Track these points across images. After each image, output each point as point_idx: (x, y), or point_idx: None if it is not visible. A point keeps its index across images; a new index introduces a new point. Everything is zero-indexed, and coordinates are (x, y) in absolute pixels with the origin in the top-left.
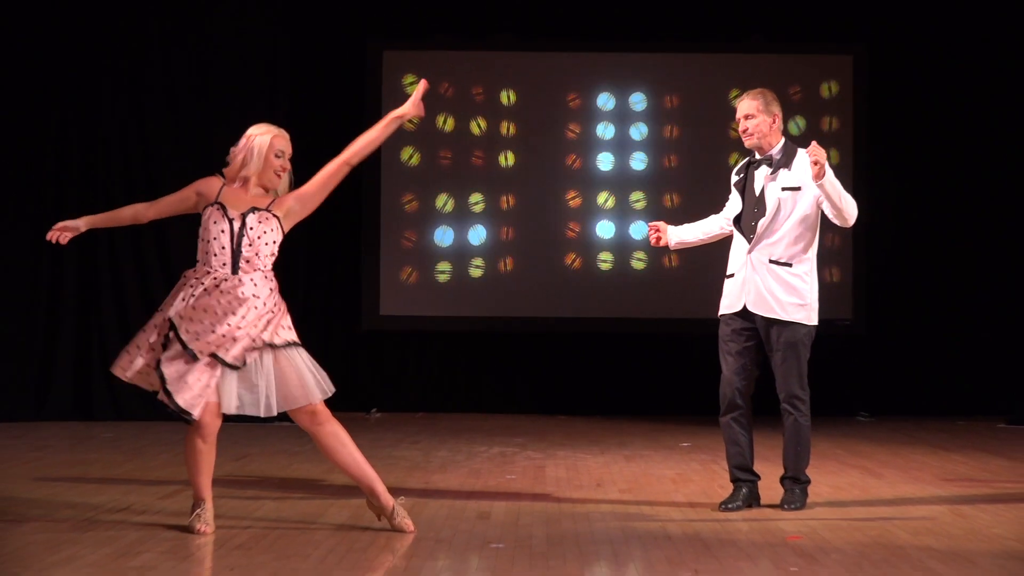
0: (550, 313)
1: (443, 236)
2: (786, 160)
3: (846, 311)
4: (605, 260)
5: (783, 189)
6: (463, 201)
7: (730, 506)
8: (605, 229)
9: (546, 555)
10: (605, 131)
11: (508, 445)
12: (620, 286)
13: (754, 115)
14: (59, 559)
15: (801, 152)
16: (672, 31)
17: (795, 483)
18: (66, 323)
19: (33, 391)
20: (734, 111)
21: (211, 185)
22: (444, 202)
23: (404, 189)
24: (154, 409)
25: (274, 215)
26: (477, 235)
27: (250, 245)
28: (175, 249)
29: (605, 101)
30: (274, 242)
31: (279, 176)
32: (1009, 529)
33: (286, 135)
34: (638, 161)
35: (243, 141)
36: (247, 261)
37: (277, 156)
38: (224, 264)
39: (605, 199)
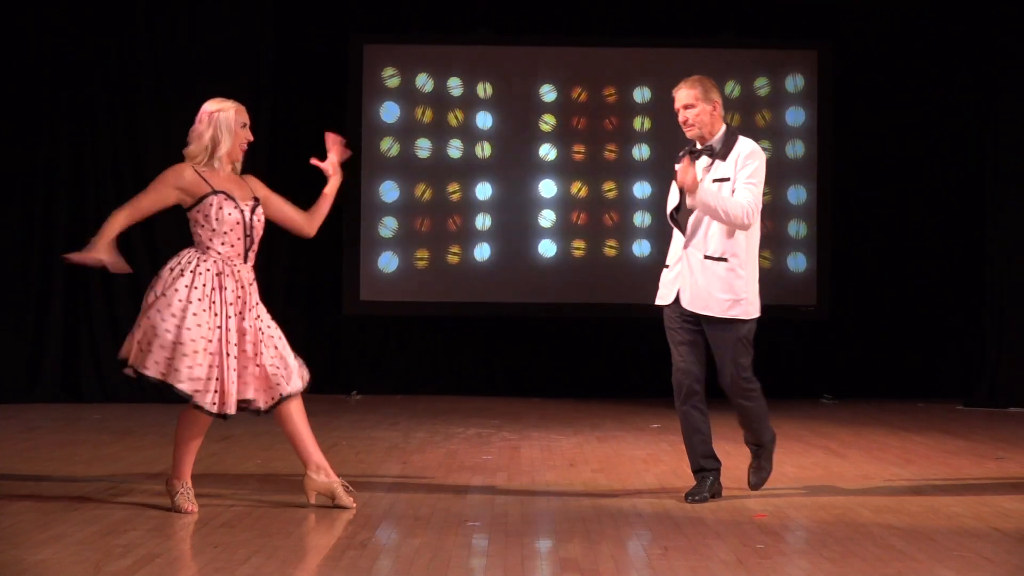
0: (525, 299)
1: (421, 224)
2: (725, 150)
3: (810, 297)
4: (578, 247)
5: (714, 181)
6: (441, 190)
7: (696, 498)
8: (578, 217)
9: (521, 532)
10: (578, 123)
11: (484, 427)
12: (593, 273)
13: (693, 104)
14: (48, 537)
15: (742, 139)
16: (643, 26)
17: (759, 448)
18: (55, 307)
19: (23, 373)
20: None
21: (185, 175)
22: (423, 191)
23: (383, 178)
24: (140, 391)
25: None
26: (454, 223)
27: (257, 235)
28: (160, 232)
29: (579, 93)
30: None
31: (244, 149)
32: (966, 507)
33: (243, 107)
34: (608, 151)
35: (204, 119)
36: (254, 251)
37: (243, 127)
38: (239, 254)
39: (578, 189)
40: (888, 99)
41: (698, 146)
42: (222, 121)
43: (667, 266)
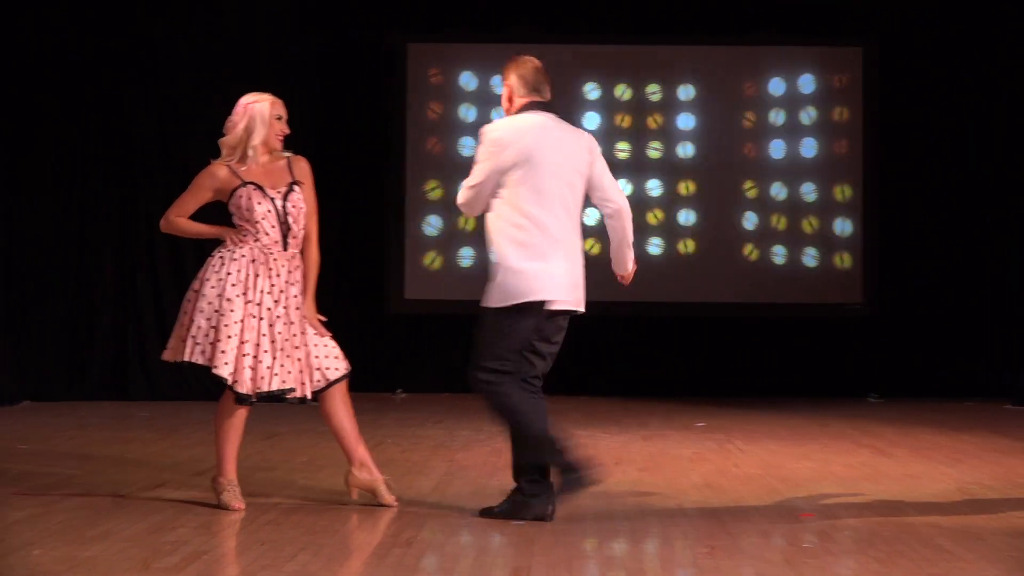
0: None
1: (466, 222)
2: None
3: (857, 295)
4: None
5: None
6: None
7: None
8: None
9: (566, 531)
10: (623, 121)
11: None
12: (637, 270)
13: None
14: (97, 533)
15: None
16: (686, 23)
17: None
18: (103, 306)
19: (72, 372)
20: (748, 102)
21: (218, 174)
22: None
23: (428, 177)
24: (188, 389)
25: (300, 182)
26: None
27: (295, 221)
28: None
29: (623, 92)
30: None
31: (281, 140)
32: (1016, 506)
33: (280, 100)
34: (653, 150)
35: (240, 111)
36: (294, 236)
37: (278, 119)
38: (276, 242)
39: (622, 187)
40: (933, 96)
41: None
42: (256, 113)
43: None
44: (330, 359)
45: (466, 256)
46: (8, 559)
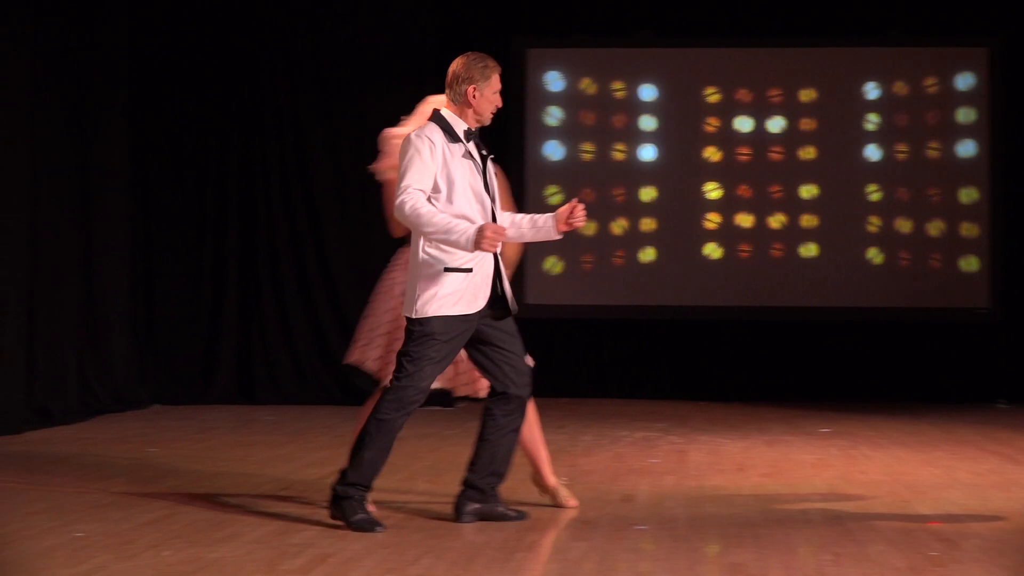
0: (690, 301)
1: (586, 227)
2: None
3: (983, 300)
4: (744, 250)
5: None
6: (605, 193)
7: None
8: (744, 219)
9: (689, 537)
10: (742, 124)
11: (651, 430)
12: (758, 274)
13: None
14: (224, 535)
15: None
16: (808, 25)
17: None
18: (229, 311)
19: (199, 376)
20: (870, 104)
21: None
22: (587, 194)
23: (547, 182)
24: (313, 393)
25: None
26: (619, 226)
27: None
28: (330, 238)
29: (743, 95)
30: None
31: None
32: None
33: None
34: (776, 153)
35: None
36: None
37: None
38: None
39: (744, 191)
40: None
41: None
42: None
43: (468, 269)
44: None
45: (586, 260)
46: (137, 560)
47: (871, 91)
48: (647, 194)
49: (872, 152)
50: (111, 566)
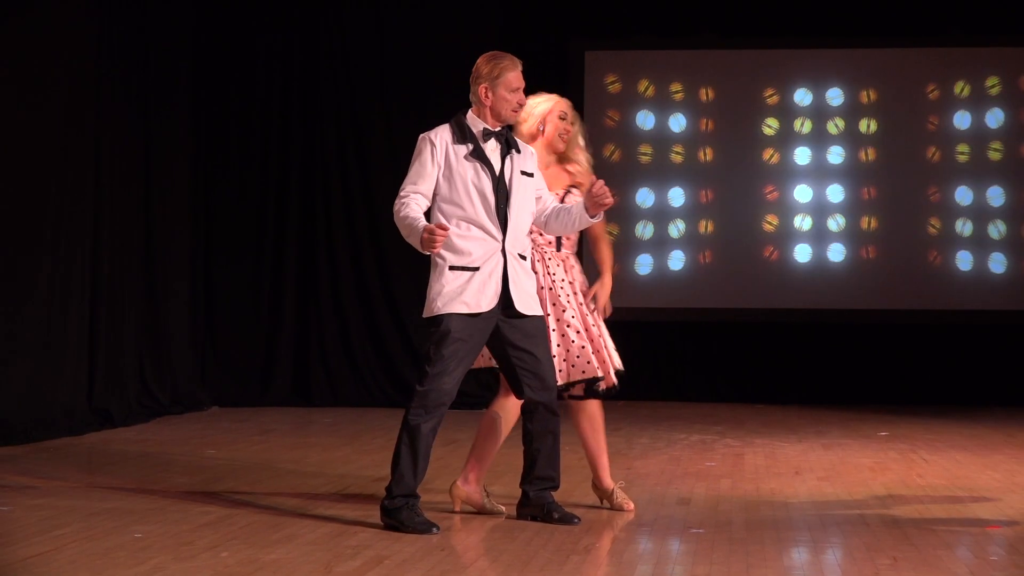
0: (747, 304)
1: (644, 230)
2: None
3: (1014, 299)
4: (802, 252)
5: (523, 173)
6: (663, 196)
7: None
8: (803, 222)
9: (745, 540)
10: (802, 126)
11: (707, 433)
12: (816, 278)
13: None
14: (281, 537)
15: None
16: (867, 26)
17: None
18: (287, 316)
19: (257, 378)
20: (932, 105)
21: None
22: (644, 196)
23: (606, 184)
24: (369, 395)
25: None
26: (677, 228)
27: None
28: (388, 241)
29: (802, 97)
30: None
31: (564, 140)
32: None
33: (565, 100)
34: (835, 155)
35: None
36: (568, 237)
37: (561, 119)
38: (549, 242)
39: (802, 193)
40: None
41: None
42: (542, 113)
43: (475, 268)
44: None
45: (644, 263)
46: (196, 560)
47: (931, 92)
48: (705, 195)
49: (932, 153)
50: (170, 567)
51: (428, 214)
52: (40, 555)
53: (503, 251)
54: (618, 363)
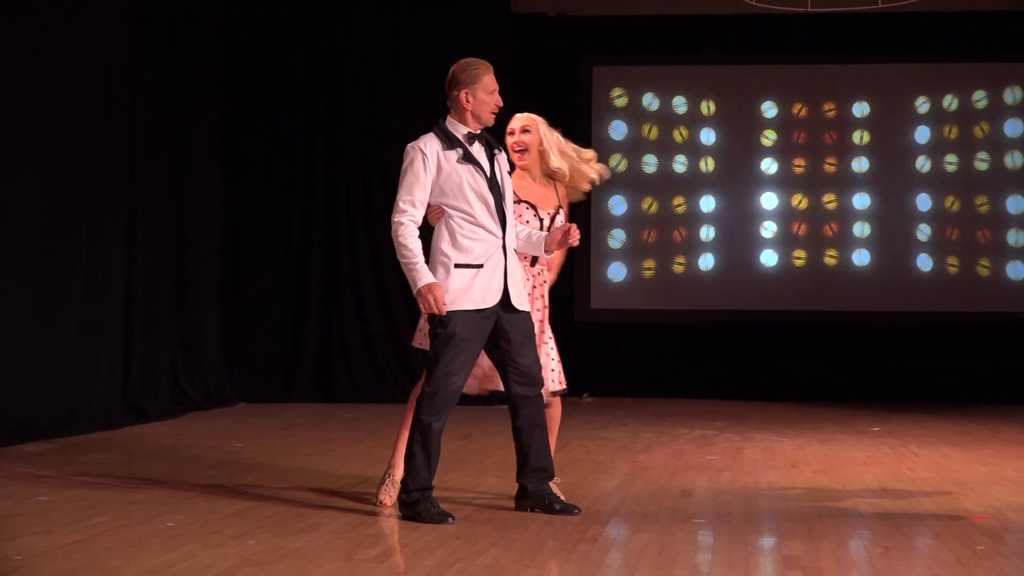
0: (747, 307)
1: (648, 236)
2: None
3: None
4: (799, 257)
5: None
6: (667, 203)
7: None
8: (799, 228)
9: (744, 530)
10: (799, 137)
11: (709, 428)
12: (813, 281)
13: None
14: (305, 526)
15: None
16: (859, 43)
17: (550, 477)
18: (311, 315)
19: (283, 376)
20: (921, 118)
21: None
22: (649, 204)
23: (612, 193)
24: (389, 392)
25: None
26: (680, 235)
27: None
28: None
29: (800, 109)
30: None
31: (554, 166)
32: None
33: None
34: (828, 164)
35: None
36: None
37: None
38: (525, 257)
39: (799, 201)
40: None
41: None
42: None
43: (479, 265)
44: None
45: (648, 268)
46: (224, 548)
47: (922, 105)
48: (707, 204)
49: (923, 163)
50: (199, 554)
51: (427, 214)
52: (77, 542)
53: (503, 247)
54: (553, 387)
